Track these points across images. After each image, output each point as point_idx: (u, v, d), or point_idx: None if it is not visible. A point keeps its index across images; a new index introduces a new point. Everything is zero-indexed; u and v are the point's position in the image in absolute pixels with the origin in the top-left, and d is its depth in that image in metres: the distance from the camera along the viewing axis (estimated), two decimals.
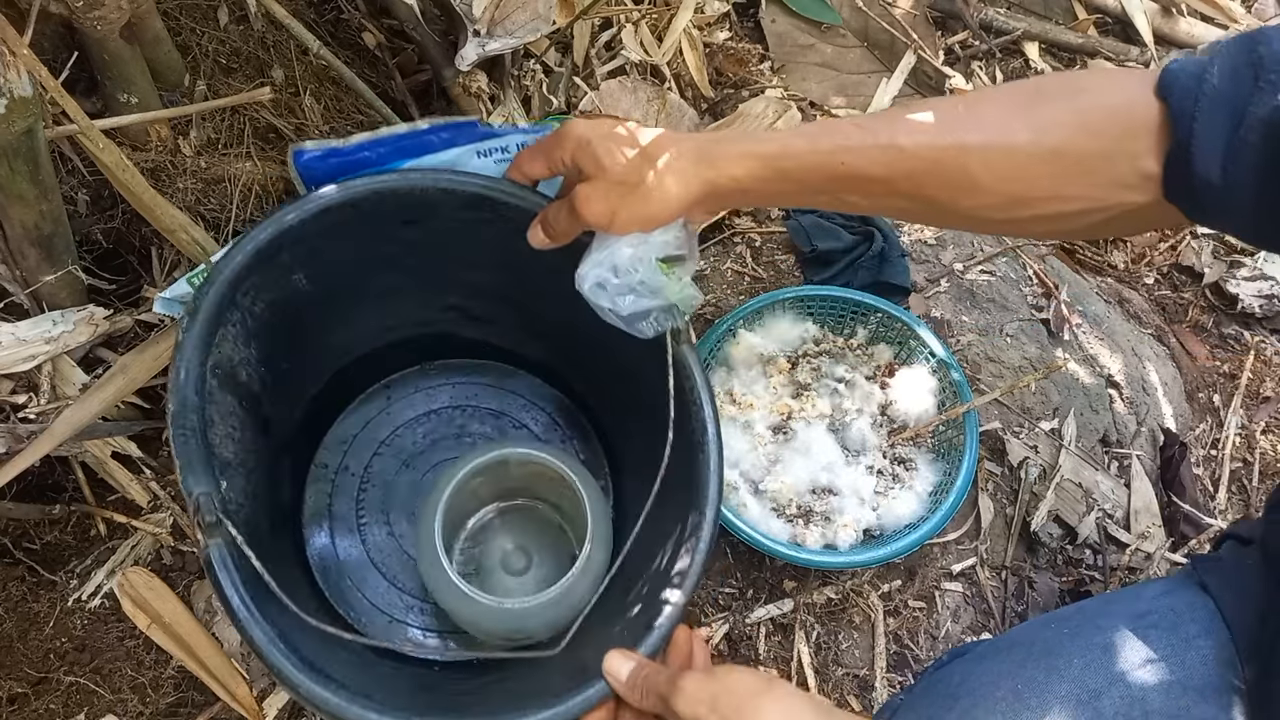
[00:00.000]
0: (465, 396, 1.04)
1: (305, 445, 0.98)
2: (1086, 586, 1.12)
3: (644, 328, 0.76)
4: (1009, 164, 0.62)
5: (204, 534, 0.65)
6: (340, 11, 1.18)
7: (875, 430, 1.10)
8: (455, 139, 0.81)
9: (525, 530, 0.97)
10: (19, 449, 0.88)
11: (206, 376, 0.72)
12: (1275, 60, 0.56)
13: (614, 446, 1.02)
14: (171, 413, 0.68)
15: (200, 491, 0.66)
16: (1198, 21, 1.69)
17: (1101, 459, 1.20)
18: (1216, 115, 0.57)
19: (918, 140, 0.64)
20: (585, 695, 0.67)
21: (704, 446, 0.76)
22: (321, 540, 0.96)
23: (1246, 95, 0.56)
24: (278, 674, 0.64)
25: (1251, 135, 0.56)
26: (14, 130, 0.74)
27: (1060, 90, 0.63)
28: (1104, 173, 0.61)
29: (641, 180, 0.67)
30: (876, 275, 1.22)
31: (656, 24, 1.43)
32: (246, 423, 0.80)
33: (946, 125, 0.63)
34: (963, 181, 0.63)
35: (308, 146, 0.78)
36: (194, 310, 0.72)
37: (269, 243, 0.76)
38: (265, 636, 0.64)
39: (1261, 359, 1.40)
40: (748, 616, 1.05)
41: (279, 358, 0.85)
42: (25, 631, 0.97)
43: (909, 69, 1.50)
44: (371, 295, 0.91)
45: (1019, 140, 0.62)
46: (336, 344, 0.95)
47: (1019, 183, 0.63)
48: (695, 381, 0.77)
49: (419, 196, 0.80)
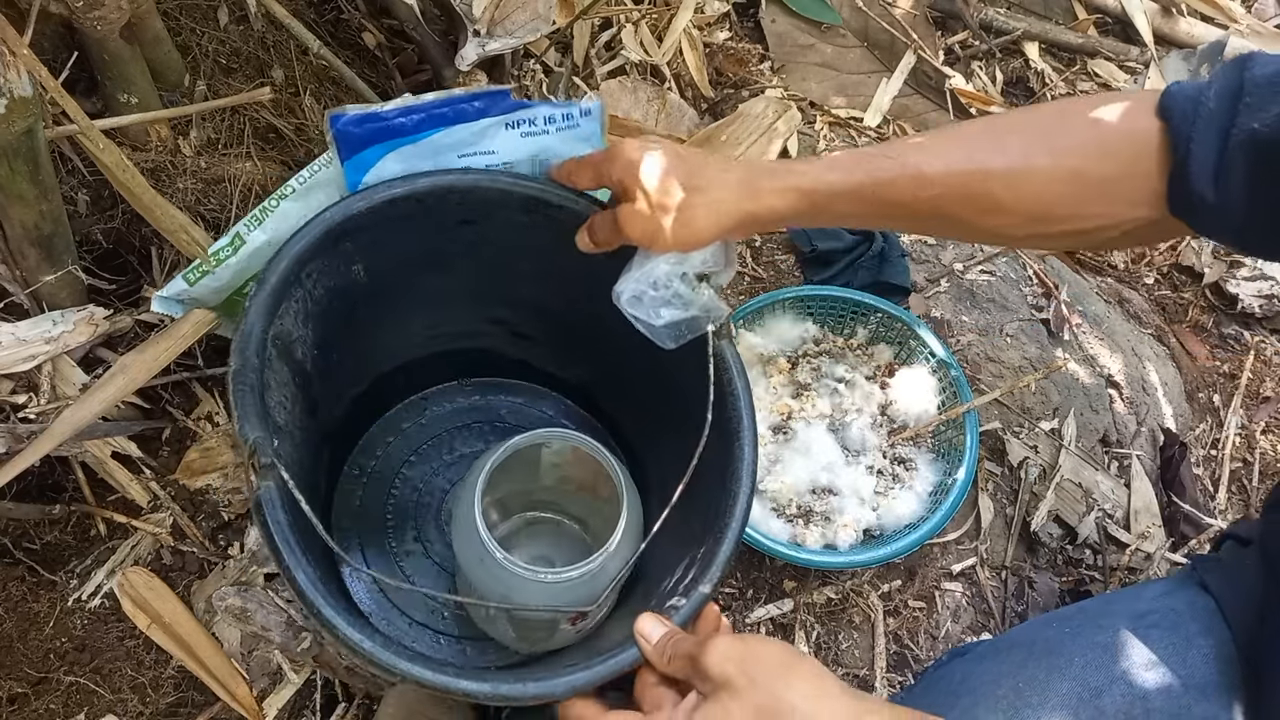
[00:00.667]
0: (498, 414, 1.06)
1: (342, 445, 1.00)
2: (1086, 586, 1.12)
3: (672, 338, 0.78)
4: (1031, 186, 0.66)
5: (257, 475, 0.67)
6: (340, 11, 1.18)
7: (875, 430, 1.10)
8: (488, 109, 0.83)
9: (549, 543, 0.97)
10: (19, 449, 0.88)
11: (268, 344, 0.74)
12: (1255, 83, 0.60)
13: (644, 471, 1.04)
14: (233, 370, 0.71)
15: (256, 435, 0.68)
16: (1198, 21, 1.69)
17: (1101, 459, 1.20)
18: (1208, 136, 0.61)
19: (944, 167, 0.67)
20: (616, 659, 0.67)
21: (740, 436, 0.78)
22: (350, 540, 0.97)
23: (1232, 116, 0.61)
24: (318, 615, 0.65)
25: (1237, 154, 0.60)
26: (14, 130, 0.74)
27: (1078, 116, 0.67)
28: (1119, 192, 0.65)
29: (684, 205, 0.70)
30: (876, 275, 1.22)
31: (656, 24, 1.43)
32: (298, 398, 0.83)
33: (970, 151, 0.68)
34: (987, 203, 0.67)
35: (347, 110, 0.79)
36: (263, 280, 0.75)
37: (337, 226, 0.79)
38: (307, 578, 0.65)
39: (1261, 359, 1.40)
40: (748, 616, 1.05)
41: (330, 347, 0.87)
42: (25, 631, 0.97)
43: (909, 69, 1.50)
44: (422, 298, 0.93)
45: (1040, 164, 0.66)
46: (383, 347, 0.96)
47: (1040, 204, 0.67)
48: (733, 374, 0.79)
49: (479, 195, 0.83)
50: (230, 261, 0.83)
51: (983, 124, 0.72)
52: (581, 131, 0.87)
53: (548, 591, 0.80)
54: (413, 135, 0.82)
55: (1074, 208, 0.66)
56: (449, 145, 0.84)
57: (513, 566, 0.78)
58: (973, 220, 0.69)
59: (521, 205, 0.84)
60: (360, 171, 0.83)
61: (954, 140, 0.69)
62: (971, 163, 0.67)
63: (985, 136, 0.69)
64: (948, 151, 0.68)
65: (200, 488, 1.04)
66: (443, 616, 0.95)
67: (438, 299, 0.94)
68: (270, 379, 0.75)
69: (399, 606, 0.94)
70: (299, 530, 0.68)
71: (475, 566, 0.82)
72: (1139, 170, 0.64)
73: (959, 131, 0.71)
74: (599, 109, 0.85)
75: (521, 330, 1.01)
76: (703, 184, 0.70)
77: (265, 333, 0.74)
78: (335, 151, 0.81)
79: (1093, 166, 0.65)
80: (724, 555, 0.73)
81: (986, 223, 0.69)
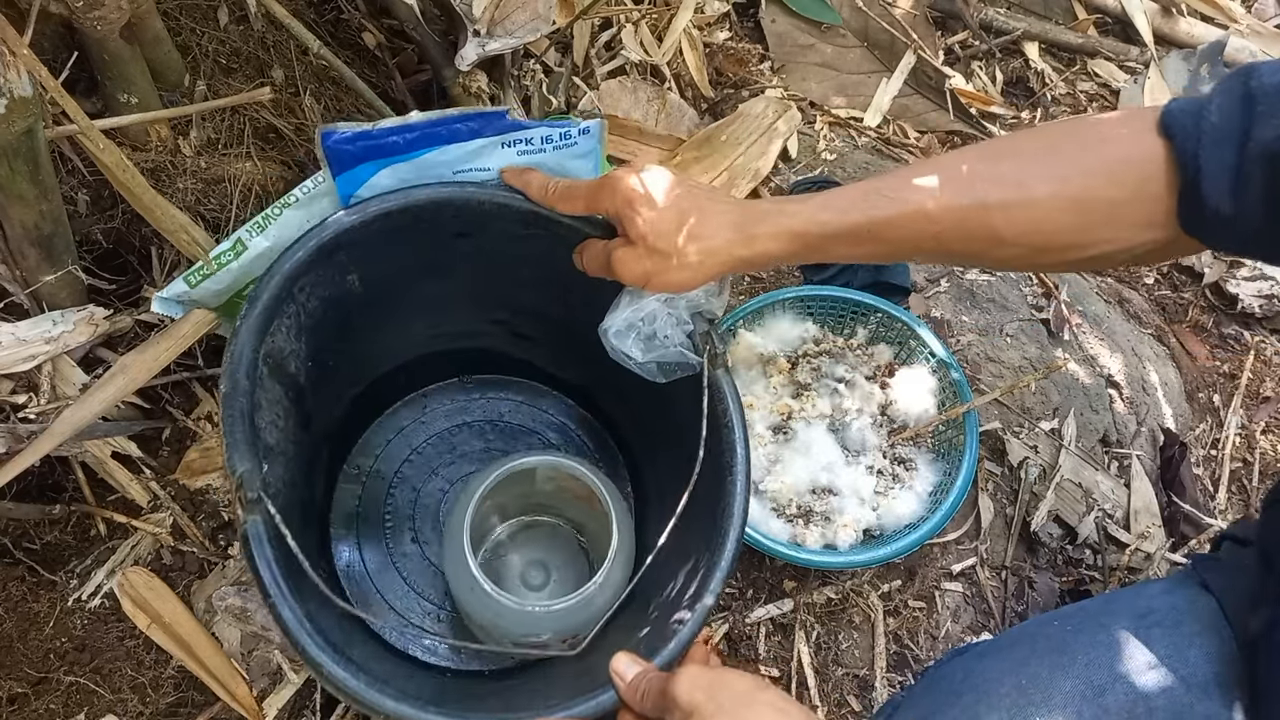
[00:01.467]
0: (498, 412, 1.07)
1: (341, 445, 1.00)
2: (1086, 586, 1.12)
3: (663, 375, 0.79)
4: (1030, 217, 0.65)
5: (244, 510, 0.67)
6: (340, 11, 1.18)
7: (875, 430, 1.10)
8: (483, 129, 0.82)
9: (546, 547, 0.97)
10: (19, 449, 0.88)
11: (259, 364, 0.74)
12: (1265, 91, 0.59)
13: (640, 473, 1.04)
14: (223, 394, 0.71)
15: (244, 469, 0.68)
16: (1198, 21, 1.69)
17: (1101, 459, 1.20)
18: (1219, 150, 0.60)
19: (940, 203, 0.66)
20: (597, 700, 0.68)
21: (733, 469, 0.78)
22: (347, 541, 0.97)
23: (1246, 127, 0.59)
24: (303, 653, 0.65)
25: (1255, 165, 0.59)
26: (14, 130, 0.74)
27: (1076, 140, 0.66)
28: (1125, 217, 0.64)
29: (677, 251, 0.70)
30: (876, 275, 1.22)
31: (656, 24, 1.43)
32: (290, 413, 0.82)
33: (966, 184, 0.66)
34: (987, 236, 0.66)
35: (338, 128, 0.79)
36: (254, 298, 0.75)
37: (330, 240, 0.79)
38: (293, 615, 0.65)
39: (1261, 359, 1.40)
40: (748, 616, 1.05)
41: (326, 355, 0.87)
42: (25, 631, 0.97)
43: (909, 69, 1.50)
44: (420, 303, 0.93)
45: (1039, 194, 0.64)
46: (381, 349, 0.97)
47: (1041, 234, 0.65)
48: (729, 405, 0.79)
49: (476, 209, 0.83)
50: (232, 266, 0.83)
51: (978, 153, 0.70)
52: (579, 149, 0.86)
53: (537, 620, 0.81)
54: (405, 154, 0.81)
55: (1077, 236, 0.65)
56: (443, 163, 0.83)
57: (502, 598, 0.79)
58: (976, 253, 0.69)
59: (519, 219, 0.83)
60: (353, 185, 0.82)
61: (950, 173, 0.68)
62: (970, 197, 0.66)
63: (982, 167, 0.67)
64: (945, 186, 0.67)
65: (200, 488, 1.04)
66: (438, 620, 0.95)
67: (437, 303, 0.94)
68: (261, 398, 0.75)
69: (395, 609, 0.95)
70: (285, 563, 0.67)
71: (466, 594, 0.82)
72: (1147, 193, 0.63)
73: (954, 162, 0.69)
74: (598, 127, 0.84)
75: (522, 331, 1.01)
76: (697, 229, 0.70)
77: (256, 352, 0.74)
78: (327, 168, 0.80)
79: (1096, 193, 0.64)
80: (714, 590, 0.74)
81: (990, 255, 0.69)
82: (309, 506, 0.91)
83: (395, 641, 0.92)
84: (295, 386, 0.83)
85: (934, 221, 0.66)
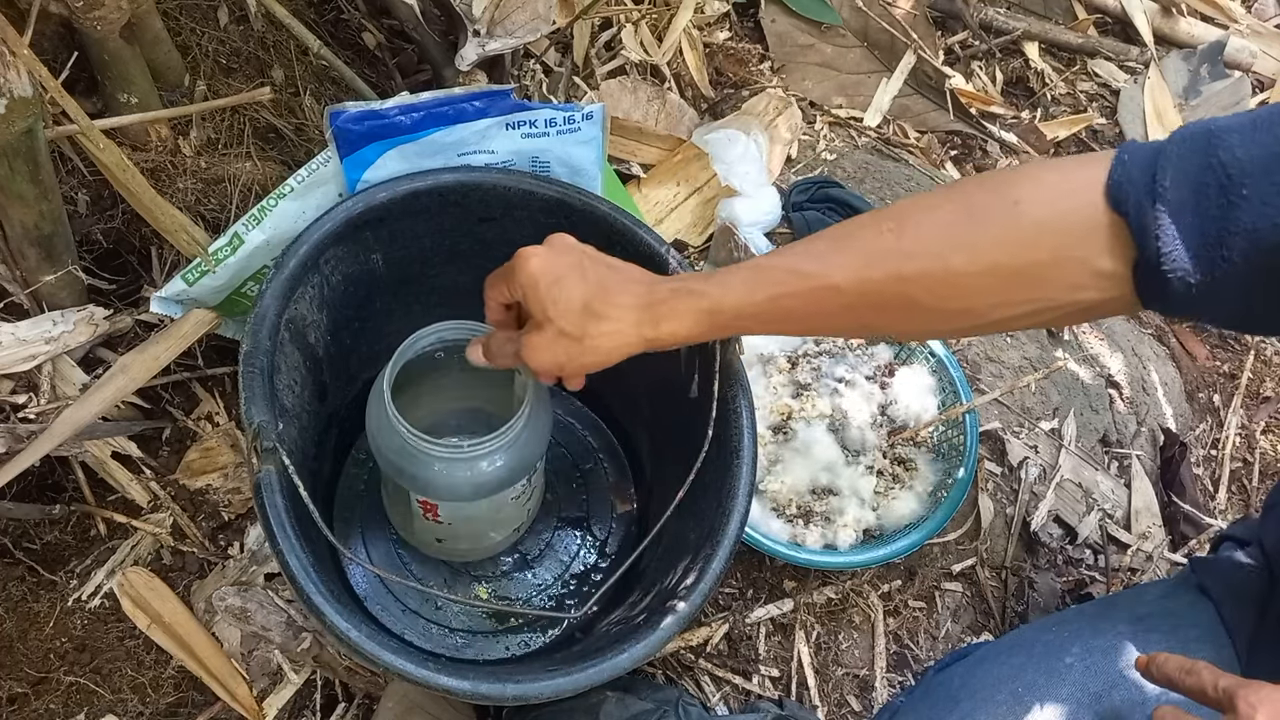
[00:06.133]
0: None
1: (349, 428, 1.00)
2: (1087, 587, 1.12)
3: None
4: (949, 286, 0.61)
5: (259, 459, 0.68)
6: (340, 11, 1.18)
7: (875, 430, 1.10)
8: (488, 109, 0.83)
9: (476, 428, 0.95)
10: (19, 449, 0.88)
11: (280, 328, 0.76)
12: (1241, 169, 0.53)
13: (643, 471, 1.04)
14: (244, 352, 0.73)
15: (261, 419, 0.69)
16: (1198, 21, 1.69)
17: (1101, 459, 1.20)
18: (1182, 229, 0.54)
19: (853, 277, 0.63)
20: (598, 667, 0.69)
21: (740, 453, 0.78)
22: (351, 524, 0.98)
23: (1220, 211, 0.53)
24: (307, 602, 0.66)
25: (1234, 253, 0.53)
26: (14, 130, 0.74)
27: (993, 202, 0.61)
28: (1052, 280, 0.59)
29: (584, 335, 0.68)
30: None
31: (656, 24, 1.43)
32: (307, 381, 0.84)
33: (879, 256, 0.62)
34: (906, 306, 0.63)
35: (346, 107, 0.80)
36: (281, 264, 0.76)
37: (359, 215, 0.81)
38: (300, 564, 0.66)
39: (1261, 359, 1.40)
40: (747, 616, 1.05)
41: (345, 332, 0.89)
42: (25, 631, 0.97)
43: (909, 69, 1.50)
44: (437, 290, 0.94)
45: (955, 263, 0.60)
46: (396, 334, 0.96)
47: (962, 300, 0.62)
48: (739, 390, 0.79)
49: (502, 195, 0.84)
50: (229, 261, 0.83)
51: (893, 218, 0.64)
52: (582, 135, 0.87)
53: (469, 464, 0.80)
54: (412, 133, 0.82)
55: (998, 299, 0.61)
56: (449, 144, 0.84)
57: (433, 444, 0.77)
58: (893, 325, 0.66)
59: (544, 207, 0.84)
60: (359, 169, 0.83)
61: (860, 243, 0.64)
62: (881, 269, 0.62)
63: (893, 236, 0.63)
64: (855, 258, 0.63)
65: (200, 488, 1.04)
66: (436, 606, 0.95)
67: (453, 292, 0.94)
68: (281, 362, 0.77)
69: (394, 593, 0.95)
70: (296, 516, 0.68)
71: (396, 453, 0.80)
72: (1076, 256, 0.58)
73: (865, 229, 0.64)
74: (601, 112, 0.85)
75: None
76: (602, 310, 0.68)
77: (280, 315, 0.75)
78: (334, 148, 0.81)
79: (1015, 257, 0.59)
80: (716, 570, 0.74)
81: (909, 325, 0.66)
82: (315, 483, 0.93)
83: (394, 627, 0.94)
84: (313, 357, 0.85)
85: (847, 294, 0.63)
